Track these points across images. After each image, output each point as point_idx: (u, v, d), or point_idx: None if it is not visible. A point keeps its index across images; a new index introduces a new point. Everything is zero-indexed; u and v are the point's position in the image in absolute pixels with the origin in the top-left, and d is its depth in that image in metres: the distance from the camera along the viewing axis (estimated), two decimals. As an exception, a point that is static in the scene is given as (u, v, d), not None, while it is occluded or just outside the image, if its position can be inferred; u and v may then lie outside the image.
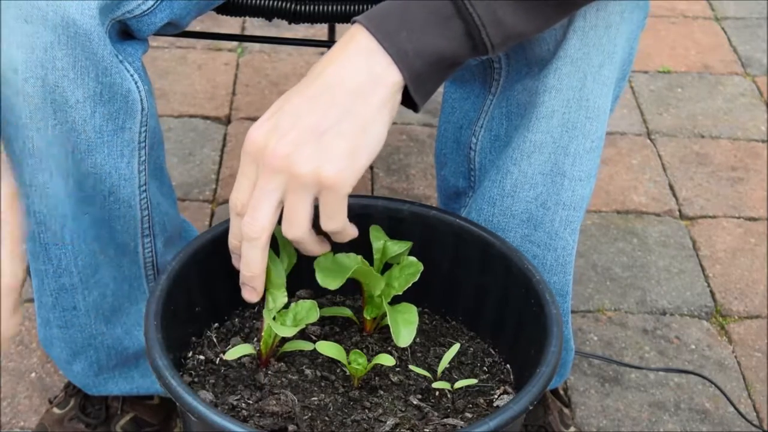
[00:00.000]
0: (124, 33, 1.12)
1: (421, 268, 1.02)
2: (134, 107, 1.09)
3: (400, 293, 1.01)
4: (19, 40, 1.01)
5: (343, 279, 0.99)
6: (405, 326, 0.98)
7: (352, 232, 0.95)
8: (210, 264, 1.04)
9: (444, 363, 1.00)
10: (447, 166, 1.22)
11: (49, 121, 1.05)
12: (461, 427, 0.94)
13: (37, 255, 1.14)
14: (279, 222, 0.93)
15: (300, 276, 1.10)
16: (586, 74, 1.04)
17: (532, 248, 1.13)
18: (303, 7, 1.30)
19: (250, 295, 0.96)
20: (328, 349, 0.98)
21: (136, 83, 1.09)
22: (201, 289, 1.04)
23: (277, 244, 1.01)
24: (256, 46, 2.22)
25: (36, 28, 1.01)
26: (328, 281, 0.99)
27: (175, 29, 1.19)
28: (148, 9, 1.09)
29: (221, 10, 1.31)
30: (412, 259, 1.03)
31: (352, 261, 1.01)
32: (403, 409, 0.97)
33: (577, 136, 1.07)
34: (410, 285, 1.02)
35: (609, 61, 1.06)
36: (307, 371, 1.00)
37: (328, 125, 0.89)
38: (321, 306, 1.01)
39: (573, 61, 1.04)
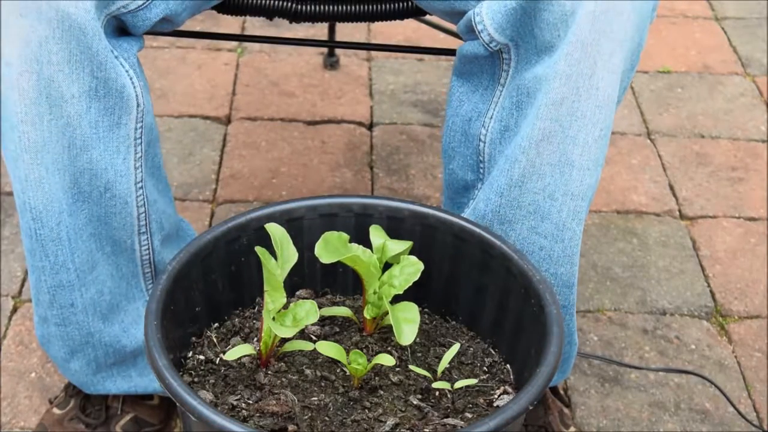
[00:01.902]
0: (120, 29, 1.12)
1: (422, 267, 1.02)
2: (129, 103, 1.09)
3: (401, 292, 1.01)
4: (13, 34, 1.02)
5: (338, 257, 0.99)
6: (407, 324, 0.98)
7: None
8: (210, 264, 1.04)
9: (444, 363, 1.00)
10: (455, 160, 1.22)
11: (45, 116, 1.05)
12: (461, 427, 0.94)
13: (34, 251, 1.14)
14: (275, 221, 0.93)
15: (300, 276, 1.10)
16: (596, 61, 1.04)
17: (539, 240, 1.13)
18: (303, 7, 1.30)
19: None
20: (328, 349, 0.98)
21: (131, 79, 1.09)
22: (201, 289, 1.04)
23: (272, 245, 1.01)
24: (256, 46, 2.22)
25: (31, 22, 1.01)
26: (323, 254, 0.99)
27: (172, 26, 1.19)
28: (142, 4, 1.09)
29: (221, 9, 1.31)
30: (413, 258, 1.03)
31: (353, 248, 1.01)
32: (403, 409, 0.96)
33: (586, 125, 1.07)
34: (411, 284, 1.02)
35: (619, 49, 1.06)
36: (307, 371, 1.00)
37: None
38: (321, 306, 1.01)
39: (584, 46, 1.03)
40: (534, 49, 1.08)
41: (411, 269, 1.02)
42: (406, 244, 1.06)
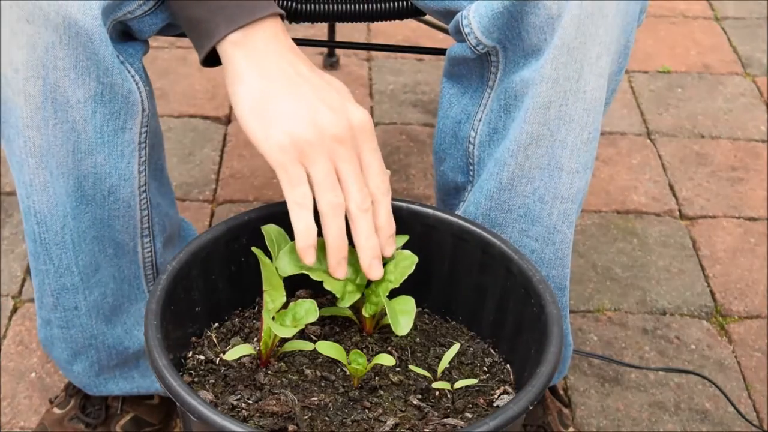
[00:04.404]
0: (125, 34, 1.12)
1: (416, 259, 1.02)
2: (135, 108, 1.10)
3: (397, 286, 1.01)
4: (20, 40, 1.02)
5: (299, 270, 0.99)
6: (403, 315, 0.98)
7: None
8: (210, 264, 1.04)
9: (444, 363, 1.00)
10: (446, 162, 1.22)
11: (50, 121, 1.05)
12: (461, 427, 0.94)
13: (38, 255, 1.14)
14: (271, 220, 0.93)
15: (300, 276, 1.10)
16: (582, 64, 1.04)
17: (530, 243, 1.13)
18: (303, 7, 1.30)
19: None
20: (328, 349, 0.98)
21: (137, 84, 1.09)
22: (201, 289, 1.04)
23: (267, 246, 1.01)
24: (256, 46, 2.21)
25: (38, 28, 1.01)
26: (286, 266, 0.99)
27: (176, 30, 1.19)
28: (149, 9, 1.09)
29: (221, 10, 1.31)
30: (406, 252, 1.03)
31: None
32: (403, 409, 0.97)
33: (574, 129, 1.07)
34: (406, 277, 1.01)
35: (606, 52, 1.06)
36: (307, 371, 1.00)
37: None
38: (320, 306, 1.01)
39: (570, 51, 1.04)
40: (521, 52, 1.08)
41: (405, 263, 1.02)
42: (402, 238, 1.05)
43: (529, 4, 1.04)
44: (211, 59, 1.03)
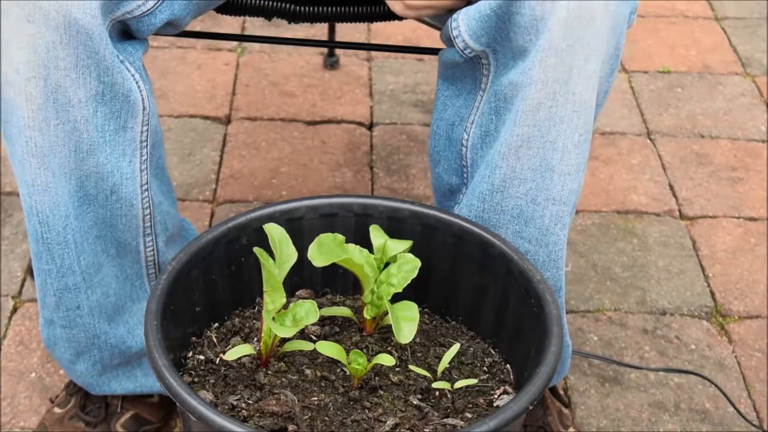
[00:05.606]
0: (124, 33, 1.12)
1: (419, 264, 1.02)
2: (135, 107, 1.10)
3: (400, 291, 1.01)
4: (21, 40, 1.02)
5: (331, 260, 0.99)
6: (406, 322, 0.98)
7: None
8: (210, 264, 1.04)
9: (444, 363, 1.00)
10: (440, 164, 1.22)
11: (52, 121, 1.05)
12: (461, 427, 0.94)
13: (41, 255, 1.14)
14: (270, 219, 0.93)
15: (300, 276, 1.10)
16: (572, 67, 1.05)
17: (524, 244, 1.13)
18: (303, 8, 1.30)
19: None
20: (328, 349, 0.98)
21: (137, 83, 1.09)
22: (201, 289, 1.04)
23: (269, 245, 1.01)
24: (256, 46, 2.22)
25: (39, 27, 1.01)
26: (317, 256, 0.99)
27: (175, 30, 1.19)
28: (148, 10, 1.09)
29: (221, 10, 1.31)
30: (409, 255, 1.03)
31: (350, 249, 1.01)
32: (403, 409, 0.97)
33: (565, 131, 1.07)
34: (409, 282, 1.02)
35: (594, 54, 1.06)
36: (307, 371, 1.00)
37: None
38: (321, 306, 1.01)
39: (558, 53, 1.04)
40: (510, 54, 1.08)
41: (408, 266, 1.02)
42: (406, 244, 1.06)
43: (515, 5, 1.04)
44: None
